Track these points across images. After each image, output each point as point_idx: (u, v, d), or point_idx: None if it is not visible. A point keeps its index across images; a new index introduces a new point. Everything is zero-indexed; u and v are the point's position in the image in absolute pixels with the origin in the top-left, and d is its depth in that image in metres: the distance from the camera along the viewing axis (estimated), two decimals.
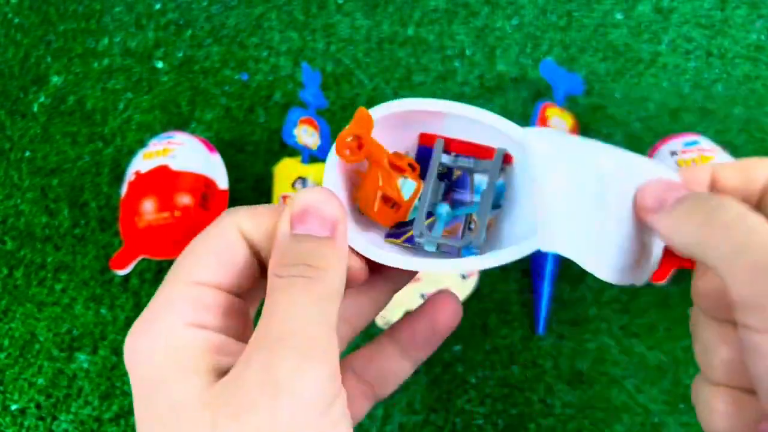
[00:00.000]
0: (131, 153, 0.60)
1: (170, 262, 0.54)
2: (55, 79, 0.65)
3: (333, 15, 0.67)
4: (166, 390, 0.19)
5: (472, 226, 0.28)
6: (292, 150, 0.59)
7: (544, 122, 0.53)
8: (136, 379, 0.21)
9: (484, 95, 0.60)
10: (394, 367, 0.26)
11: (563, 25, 0.64)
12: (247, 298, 0.23)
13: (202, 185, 0.51)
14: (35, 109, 0.63)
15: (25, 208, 0.58)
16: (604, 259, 0.24)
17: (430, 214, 0.28)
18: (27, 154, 0.61)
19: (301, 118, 0.55)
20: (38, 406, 0.50)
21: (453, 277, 0.46)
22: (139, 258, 0.50)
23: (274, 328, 0.19)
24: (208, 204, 0.51)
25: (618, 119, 0.58)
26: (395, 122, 0.29)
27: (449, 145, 0.29)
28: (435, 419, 0.47)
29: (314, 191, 0.22)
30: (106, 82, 0.64)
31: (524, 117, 0.59)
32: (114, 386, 0.50)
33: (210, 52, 0.65)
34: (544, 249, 0.26)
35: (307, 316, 0.19)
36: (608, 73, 0.61)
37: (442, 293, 0.27)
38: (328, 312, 0.20)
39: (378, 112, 0.29)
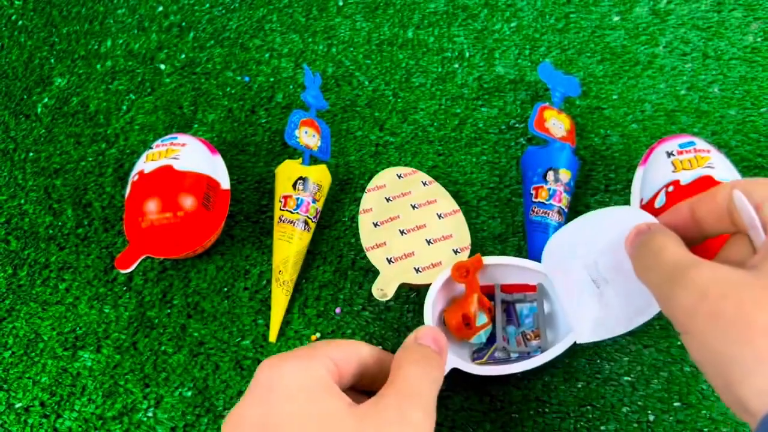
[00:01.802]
0: (134, 154, 0.60)
1: (172, 262, 0.54)
2: (59, 81, 0.65)
3: (334, 17, 0.67)
4: (318, 402, 0.27)
5: (529, 337, 0.46)
6: (293, 151, 0.60)
7: (541, 123, 0.53)
8: (280, 392, 0.27)
9: (483, 97, 0.61)
10: None
11: (561, 27, 0.64)
12: None
13: (204, 185, 0.51)
14: (39, 110, 0.64)
15: (29, 208, 0.59)
16: (617, 322, 0.41)
17: (493, 336, 0.47)
18: (31, 154, 0.62)
19: (303, 120, 0.55)
20: (42, 405, 0.50)
21: (446, 252, 0.49)
22: (143, 257, 0.51)
23: (406, 385, 0.30)
24: (210, 204, 0.52)
25: (615, 120, 0.58)
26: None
27: (502, 288, 0.48)
28: None
29: (433, 329, 0.36)
30: (109, 84, 0.65)
31: (522, 119, 0.59)
32: (117, 384, 0.50)
33: (212, 54, 0.66)
34: (581, 342, 0.42)
35: (429, 385, 0.31)
36: (605, 75, 0.61)
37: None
38: (436, 388, 0.32)
39: (485, 260, 0.47)
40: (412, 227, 0.51)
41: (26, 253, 0.57)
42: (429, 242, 0.50)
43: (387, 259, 0.49)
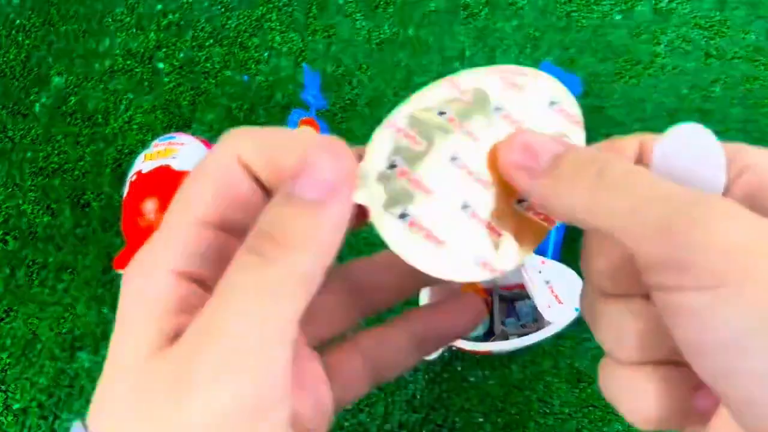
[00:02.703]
0: (132, 153, 0.60)
1: None
2: (57, 80, 0.65)
3: (333, 16, 0.67)
4: (120, 343, 0.17)
5: (529, 329, 0.47)
6: None
7: None
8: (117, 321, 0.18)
9: None
10: (403, 354, 0.25)
11: (562, 26, 0.64)
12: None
13: None
14: (37, 109, 0.64)
15: (27, 209, 0.59)
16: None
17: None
18: (29, 154, 0.61)
19: (302, 119, 0.55)
20: (40, 406, 0.50)
21: None
22: None
23: (206, 319, 0.16)
24: None
25: (617, 120, 0.58)
26: None
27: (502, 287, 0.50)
28: (434, 417, 0.47)
29: (323, 146, 0.18)
30: (107, 83, 0.64)
31: None
32: None
33: (211, 53, 0.65)
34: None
35: (244, 312, 0.16)
36: (607, 74, 0.61)
37: (469, 297, 0.25)
38: (275, 310, 0.16)
39: None
40: None
41: (24, 254, 0.56)
42: None
43: None
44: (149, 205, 0.49)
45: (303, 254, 0.16)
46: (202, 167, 0.19)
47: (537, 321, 0.49)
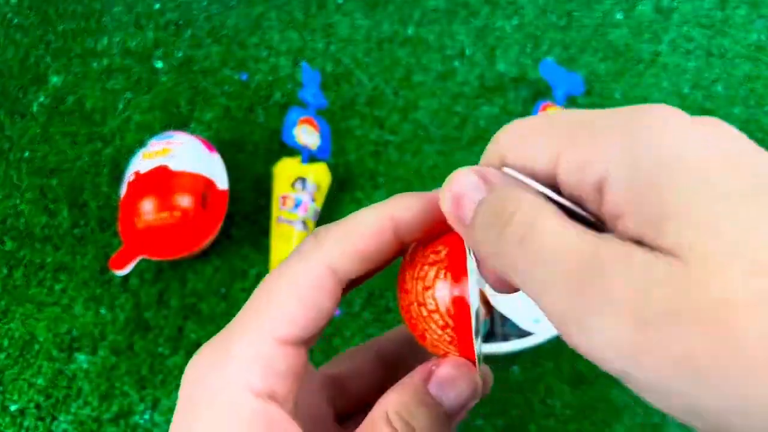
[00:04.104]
0: (131, 153, 0.60)
1: (170, 263, 0.54)
2: (55, 79, 0.65)
3: (333, 15, 0.67)
4: None
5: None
6: (291, 150, 0.59)
7: None
8: (187, 422, 0.18)
9: (484, 95, 0.60)
10: None
11: (563, 25, 0.64)
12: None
13: (201, 185, 0.51)
14: (34, 109, 0.63)
15: (24, 209, 0.58)
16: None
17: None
18: (26, 154, 0.61)
19: (301, 118, 0.55)
20: (38, 407, 0.49)
21: None
22: (139, 258, 0.50)
23: None
24: (207, 204, 0.51)
25: None
26: None
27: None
28: None
29: (460, 365, 0.20)
30: (105, 82, 0.64)
31: (524, 117, 0.59)
32: (113, 387, 0.49)
33: (209, 52, 0.65)
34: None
35: None
36: (608, 73, 0.60)
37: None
38: None
39: None
40: None
41: (22, 254, 0.56)
42: None
43: None
44: (147, 205, 0.49)
45: None
46: (289, 277, 0.19)
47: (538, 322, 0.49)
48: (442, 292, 0.19)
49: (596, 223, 0.16)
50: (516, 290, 0.19)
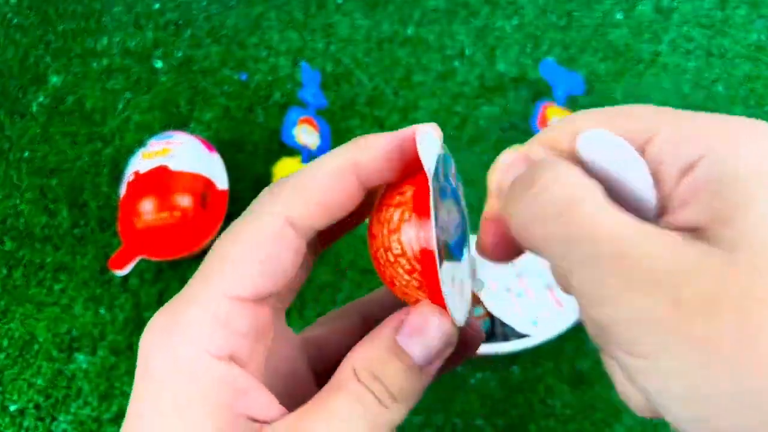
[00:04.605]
0: (130, 153, 0.60)
1: (170, 263, 0.54)
2: (55, 79, 0.65)
3: (332, 15, 0.66)
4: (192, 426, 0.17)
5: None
6: (291, 150, 0.59)
7: (544, 122, 0.53)
8: (147, 393, 0.17)
9: (484, 95, 0.60)
10: None
11: (563, 25, 0.64)
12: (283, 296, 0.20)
13: (201, 185, 0.51)
14: (34, 109, 0.63)
15: (24, 209, 0.58)
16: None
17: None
18: (26, 154, 0.61)
19: (301, 118, 0.55)
20: (37, 407, 0.49)
21: None
22: (138, 258, 0.50)
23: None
24: (207, 204, 0.51)
25: None
26: None
27: None
28: (435, 420, 0.47)
29: (430, 308, 0.18)
30: (105, 82, 0.64)
31: (524, 117, 0.59)
32: (113, 387, 0.49)
33: (209, 52, 0.65)
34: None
35: None
36: (608, 73, 0.60)
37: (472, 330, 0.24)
38: None
39: None
40: None
41: (21, 254, 0.56)
42: None
43: None
44: (147, 205, 0.49)
45: (405, 406, 0.18)
46: (244, 233, 0.18)
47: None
48: (408, 234, 0.17)
49: (648, 212, 0.16)
50: (510, 258, 0.19)
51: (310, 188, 0.18)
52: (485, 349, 0.45)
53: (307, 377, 0.22)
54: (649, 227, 0.15)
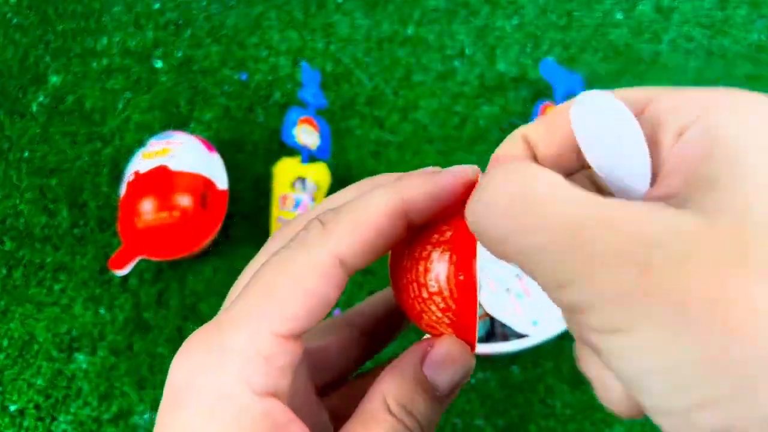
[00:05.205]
0: (130, 153, 0.59)
1: (170, 263, 0.54)
2: (54, 79, 0.65)
3: (332, 14, 0.66)
4: None
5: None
6: (291, 150, 0.59)
7: None
8: (185, 421, 0.17)
9: (484, 95, 0.60)
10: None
11: (563, 24, 0.64)
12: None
13: (201, 185, 0.51)
14: (34, 109, 0.63)
15: (24, 209, 0.58)
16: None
17: None
18: (26, 154, 0.61)
19: (301, 118, 0.54)
20: (37, 407, 0.49)
21: None
22: (138, 258, 0.50)
23: None
24: (207, 204, 0.51)
25: None
26: None
27: None
28: None
29: (457, 345, 0.19)
30: (105, 82, 0.64)
31: (524, 117, 0.59)
32: (113, 387, 0.49)
33: (209, 52, 0.65)
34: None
35: None
36: (608, 73, 0.60)
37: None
38: None
39: None
40: None
41: (21, 254, 0.56)
42: None
43: None
44: (147, 205, 0.49)
45: None
46: (291, 267, 0.17)
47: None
48: (447, 274, 0.18)
49: (642, 181, 0.16)
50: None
51: (363, 227, 0.18)
52: (485, 349, 0.45)
53: (311, 390, 0.22)
54: (611, 200, 0.14)
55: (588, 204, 0.14)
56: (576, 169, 0.18)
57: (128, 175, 0.52)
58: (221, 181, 0.53)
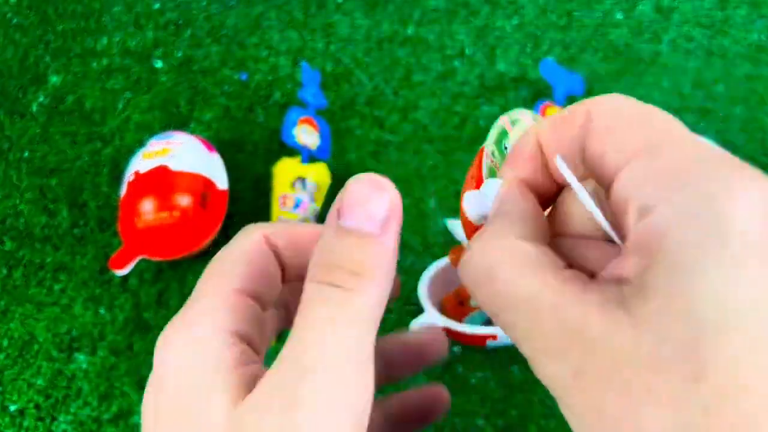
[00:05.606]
0: (130, 153, 0.59)
1: (170, 263, 0.54)
2: (54, 79, 0.65)
3: (332, 14, 0.66)
4: (196, 403, 0.18)
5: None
6: (291, 150, 0.59)
7: None
8: (165, 383, 0.18)
9: (484, 95, 0.60)
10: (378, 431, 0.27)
11: (563, 24, 0.64)
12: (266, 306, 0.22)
13: (201, 185, 0.51)
14: (34, 109, 0.63)
15: (24, 209, 0.58)
16: None
17: None
18: (26, 154, 0.61)
19: (301, 118, 0.55)
20: (37, 407, 0.49)
21: None
22: (138, 258, 0.50)
23: (305, 355, 0.17)
24: (207, 204, 0.51)
25: None
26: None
27: None
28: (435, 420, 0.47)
29: (366, 180, 0.18)
30: (105, 82, 0.64)
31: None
32: (113, 387, 0.49)
33: (209, 52, 0.65)
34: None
35: (342, 344, 0.17)
36: (608, 73, 0.60)
37: (434, 333, 0.26)
38: (365, 339, 0.17)
39: None
40: None
41: (21, 254, 0.56)
42: None
43: None
44: (147, 205, 0.49)
45: (376, 283, 0.17)
46: (232, 246, 0.21)
47: None
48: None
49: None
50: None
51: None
52: (486, 330, 0.44)
53: None
54: (567, 289, 0.15)
55: (543, 294, 0.15)
56: (581, 172, 0.18)
57: (128, 175, 0.52)
58: (221, 181, 0.53)
